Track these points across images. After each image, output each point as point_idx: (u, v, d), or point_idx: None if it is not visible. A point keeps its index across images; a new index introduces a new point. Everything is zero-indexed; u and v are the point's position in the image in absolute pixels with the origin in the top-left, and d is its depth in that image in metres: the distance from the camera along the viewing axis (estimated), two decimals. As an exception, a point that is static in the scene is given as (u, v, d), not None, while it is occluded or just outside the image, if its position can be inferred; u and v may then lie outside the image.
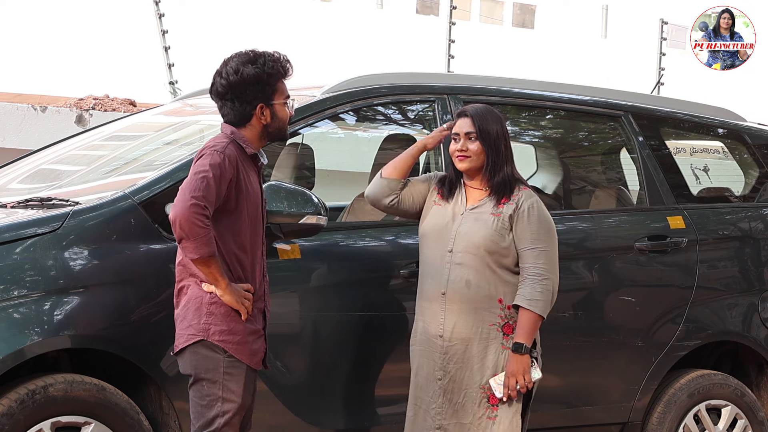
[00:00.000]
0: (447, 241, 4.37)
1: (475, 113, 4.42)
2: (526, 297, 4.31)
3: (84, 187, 4.89)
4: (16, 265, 4.18)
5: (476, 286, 4.33)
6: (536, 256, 4.34)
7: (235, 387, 4.02)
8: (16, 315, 4.13)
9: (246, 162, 4.10)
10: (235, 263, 4.06)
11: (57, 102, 9.15)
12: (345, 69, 6.45)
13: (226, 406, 4.02)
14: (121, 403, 4.26)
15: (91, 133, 5.91)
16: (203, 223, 3.91)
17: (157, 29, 10.22)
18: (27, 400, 4.11)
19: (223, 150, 4.02)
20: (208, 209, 3.93)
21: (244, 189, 4.05)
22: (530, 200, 4.39)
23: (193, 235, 3.91)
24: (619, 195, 5.70)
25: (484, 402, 4.32)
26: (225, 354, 4.01)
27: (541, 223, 4.38)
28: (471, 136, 4.39)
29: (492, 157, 4.39)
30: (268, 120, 4.14)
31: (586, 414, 5.22)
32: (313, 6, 14.83)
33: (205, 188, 3.94)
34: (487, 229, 4.34)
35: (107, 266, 4.29)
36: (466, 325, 4.32)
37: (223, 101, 4.13)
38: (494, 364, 4.32)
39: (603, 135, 5.91)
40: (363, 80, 5.07)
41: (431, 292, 4.38)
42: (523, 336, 4.30)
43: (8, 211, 4.56)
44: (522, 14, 20.17)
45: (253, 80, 4.09)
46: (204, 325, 4.01)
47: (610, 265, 5.28)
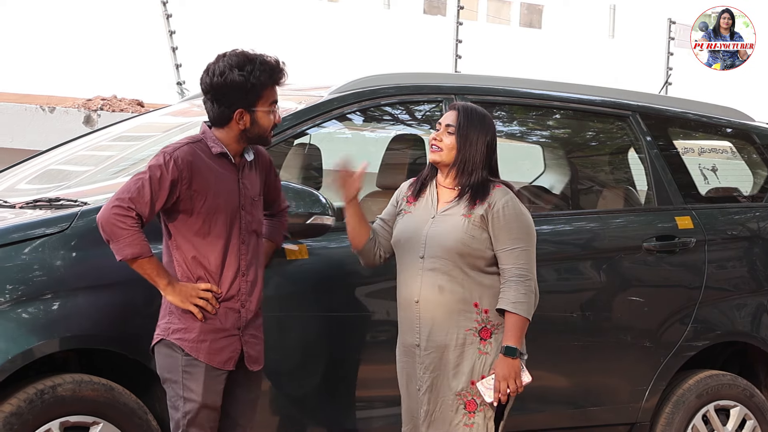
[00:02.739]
0: (418, 247, 4.21)
1: (463, 109, 4.27)
2: (511, 300, 4.15)
3: (92, 187, 4.89)
4: (25, 266, 4.18)
5: (450, 291, 4.16)
6: (516, 257, 4.17)
7: (194, 386, 4.00)
8: (25, 315, 4.14)
9: (213, 161, 4.04)
10: (194, 263, 4.03)
11: (65, 102, 9.16)
12: (352, 69, 6.45)
13: (188, 405, 4.01)
14: (129, 403, 4.27)
15: (99, 133, 5.92)
16: (125, 225, 3.91)
17: (164, 30, 10.23)
18: (36, 400, 4.11)
19: (172, 152, 3.99)
20: (134, 210, 3.92)
21: (202, 189, 4.00)
22: (504, 198, 4.20)
23: (114, 236, 3.94)
24: (627, 195, 5.70)
25: (461, 409, 4.17)
26: (182, 353, 4.01)
27: (519, 221, 4.20)
28: (449, 129, 4.24)
29: (463, 155, 4.21)
30: (246, 125, 4.08)
31: (594, 414, 5.21)
32: (320, 6, 14.83)
33: (137, 190, 3.94)
34: (458, 231, 4.16)
35: (115, 266, 4.29)
36: (441, 332, 4.17)
37: (205, 98, 4.12)
38: (470, 370, 4.17)
39: (611, 135, 5.90)
40: (370, 80, 5.06)
41: (405, 300, 4.24)
42: (512, 339, 4.15)
43: (17, 212, 4.57)
44: (529, 14, 20.15)
45: (234, 86, 4.02)
46: (165, 324, 4.04)
47: (618, 266, 5.28)
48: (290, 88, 5.62)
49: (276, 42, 11.83)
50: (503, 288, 4.18)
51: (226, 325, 4.06)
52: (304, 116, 4.84)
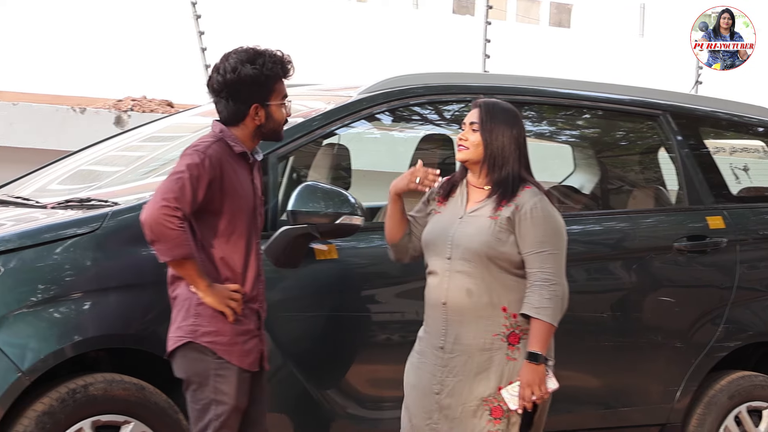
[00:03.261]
0: (444, 248, 4.12)
1: (486, 105, 4.19)
2: (534, 305, 4.04)
3: (122, 187, 4.92)
4: (56, 265, 4.21)
5: (477, 294, 4.05)
6: (543, 261, 4.06)
7: (227, 389, 3.97)
8: (57, 315, 4.17)
9: (235, 161, 4.04)
10: (222, 264, 4.02)
11: (96, 103, 9.21)
12: (381, 69, 6.45)
13: (220, 408, 3.97)
14: (160, 403, 4.28)
15: (130, 134, 5.95)
16: (174, 225, 3.88)
17: (194, 30, 10.27)
18: (68, 399, 4.14)
19: (205, 150, 3.97)
20: (180, 210, 3.89)
21: (229, 189, 3.99)
22: (533, 200, 4.08)
23: (162, 237, 3.89)
24: (657, 195, 5.67)
25: (485, 415, 4.06)
26: (214, 356, 3.97)
27: (547, 224, 4.08)
28: (473, 127, 4.15)
29: (491, 150, 4.12)
30: (262, 120, 4.06)
31: (624, 415, 5.19)
32: (349, 6, 14.85)
33: (179, 189, 3.90)
34: (484, 234, 4.06)
35: (145, 266, 4.32)
36: (468, 336, 4.07)
37: (218, 98, 4.07)
38: (498, 376, 4.06)
39: (641, 134, 5.88)
40: (399, 80, 5.06)
41: (433, 302, 4.15)
42: (537, 345, 4.04)
43: (48, 212, 4.60)
44: (558, 13, 20.09)
45: (249, 80, 4.01)
46: (191, 326, 3.97)
47: (648, 266, 5.25)
48: (319, 88, 5.65)
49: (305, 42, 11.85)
50: (528, 292, 4.07)
51: (251, 326, 4.06)
52: (333, 116, 4.84)
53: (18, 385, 4.08)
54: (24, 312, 4.13)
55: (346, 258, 4.64)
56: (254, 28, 12.13)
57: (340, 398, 4.64)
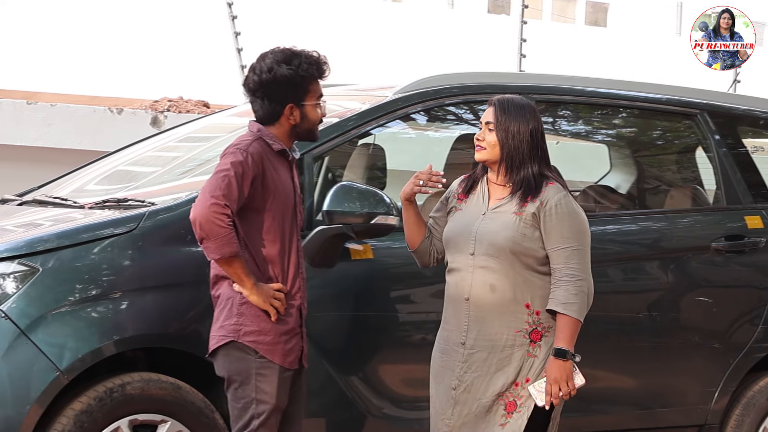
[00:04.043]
0: (468, 244, 4.11)
1: (500, 103, 4.17)
2: (561, 301, 4.03)
3: (159, 188, 4.94)
4: (94, 265, 4.24)
5: (501, 290, 4.05)
6: (568, 256, 4.05)
7: (268, 388, 3.98)
8: (94, 314, 4.20)
9: (274, 159, 4.05)
10: (265, 262, 4.03)
11: (133, 104, 9.26)
12: (416, 69, 6.44)
13: (261, 407, 3.98)
14: (196, 402, 4.30)
15: (166, 134, 5.98)
16: (224, 223, 3.89)
17: (230, 31, 10.31)
18: (105, 398, 4.17)
19: (246, 148, 3.98)
20: (229, 208, 3.91)
21: (271, 186, 4.01)
22: (557, 196, 4.08)
23: (213, 234, 3.89)
24: (694, 194, 5.63)
25: (500, 410, 4.07)
26: (256, 355, 3.98)
27: (572, 220, 4.07)
28: (489, 126, 4.14)
29: (508, 149, 4.11)
30: (297, 120, 4.08)
31: (661, 416, 5.16)
32: (384, 6, 14.85)
33: (226, 187, 3.91)
34: (509, 229, 4.05)
35: (182, 266, 4.34)
36: (490, 332, 4.07)
37: (254, 97, 4.09)
38: (516, 372, 4.06)
39: (678, 134, 5.84)
40: (434, 80, 5.06)
41: (455, 298, 4.14)
42: (564, 341, 4.03)
43: (86, 212, 4.63)
44: (594, 12, 20.01)
45: (285, 81, 4.03)
46: (235, 326, 3.98)
47: (685, 266, 5.22)
48: (355, 88, 5.65)
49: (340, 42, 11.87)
50: (553, 288, 4.06)
51: (293, 324, 4.07)
52: (369, 116, 4.85)
53: (56, 384, 4.11)
54: (62, 311, 4.17)
55: (382, 258, 4.64)
56: (290, 28, 12.16)
57: (376, 398, 4.65)
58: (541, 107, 5.17)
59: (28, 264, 4.17)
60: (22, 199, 5.22)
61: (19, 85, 9.59)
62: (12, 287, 4.14)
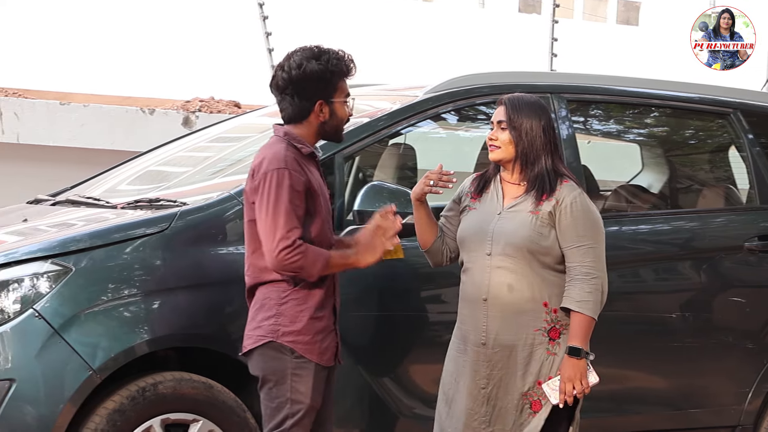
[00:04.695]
0: (484, 243, 4.12)
1: (510, 102, 4.19)
2: (575, 299, 4.05)
3: (191, 188, 4.97)
4: (126, 265, 4.26)
5: (519, 289, 4.07)
6: (583, 254, 4.07)
7: (303, 388, 3.98)
8: (127, 314, 4.22)
9: (306, 161, 4.04)
10: None
11: (164, 104, 9.30)
12: (447, 69, 6.43)
13: (296, 407, 3.98)
14: (228, 401, 4.32)
15: (198, 134, 6.01)
16: (298, 256, 3.89)
17: (261, 31, 10.33)
18: (138, 397, 4.19)
19: (285, 164, 3.94)
20: (294, 236, 3.88)
21: (314, 188, 4.01)
22: (572, 194, 4.10)
23: (297, 270, 3.92)
24: (727, 194, 5.60)
25: (526, 408, 4.09)
26: (293, 355, 3.97)
27: (586, 218, 4.10)
28: (502, 125, 4.16)
29: (522, 148, 4.13)
30: (326, 117, 4.06)
31: (694, 416, 5.13)
32: (415, 6, 14.84)
33: (285, 223, 3.89)
34: (526, 228, 4.07)
35: (214, 266, 4.36)
36: (509, 332, 4.09)
37: (283, 95, 4.07)
38: (538, 371, 4.08)
39: (711, 133, 5.81)
40: (465, 80, 5.05)
41: (472, 298, 4.15)
42: (578, 339, 4.05)
43: (118, 212, 4.66)
44: (626, 11, 19.91)
45: (315, 76, 4.01)
46: (273, 326, 3.97)
47: (718, 266, 5.19)
48: (385, 88, 5.65)
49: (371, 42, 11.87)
50: (568, 286, 4.08)
51: (328, 322, 4.08)
52: (399, 116, 4.85)
53: (89, 383, 4.14)
54: (95, 311, 4.19)
55: (412, 257, 4.64)
56: (321, 29, 12.18)
57: (407, 398, 4.65)
58: (573, 107, 5.17)
59: (61, 264, 4.20)
60: (55, 199, 5.26)
61: (52, 86, 9.65)
62: (45, 287, 4.17)
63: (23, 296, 4.15)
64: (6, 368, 4.10)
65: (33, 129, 8.50)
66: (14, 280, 4.16)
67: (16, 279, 4.17)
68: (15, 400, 4.07)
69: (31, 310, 4.14)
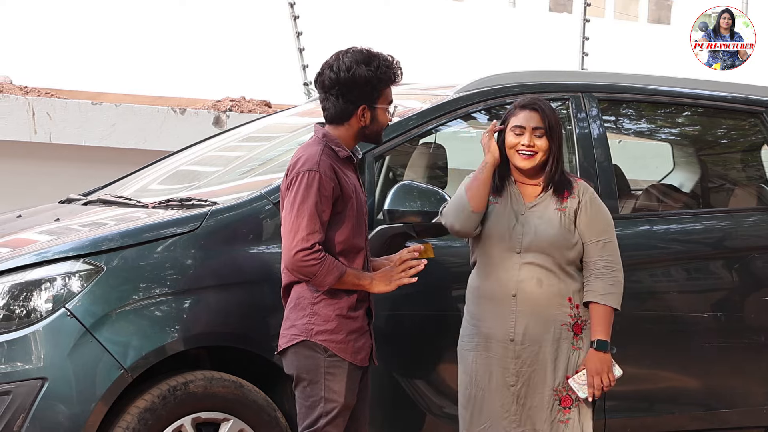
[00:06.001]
0: (514, 241, 4.17)
1: (544, 108, 4.21)
2: (600, 292, 4.14)
3: (221, 187, 4.98)
4: (157, 264, 4.28)
5: (548, 284, 4.14)
6: (602, 249, 4.17)
7: (337, 387, 3.99)
8: (158, 313, 4.24)
9: (342, 164, 4.03)
10: (343, 262, 4.02)
11: (195, 104, 9.33)
12: (478, 68, 6.42)
13: (329, 406, 3.99)
14: (258, 400, 4.33)
15: (228, 134, 6.02)
16: (315, 261, 3.90)
17: (292, 31, 10.35)
18: (168, 396, 4.21)
19: (318, 167, 3.94)
20: (316, 243, 3.90)
21: (347, 193, 4.00)
22: (589, 192, 4.24)
23: (311, 275, 3.92)
24: (760, 193, 5.56)
25: (556, 405, 4.14)
26: (326, 354, 3.98)
27: (603, 214, 4.24)
28: (537, 132, 4.18)
29: (555, 154, 4.20)
30: (367, 122, 4.06)
31: (726, 417, 5.10)
32: (446, 5, 14.82)
33: (307, 225, 3.90)
34: (556, 226, 4.16)
35: (244, 265, 4.37)
36: (538, 326, 4.14)
37: (327, 95, 4.06)
38: (566, 366, 4.15)
39: (743, 132, 5.77)
40: (495, 79, 5.04)
41: (498, 294, 4.17)
42: (602, 332, 4.13)
43: (149, 212, 4.68)
44: (658, 10, 19.81)
45: (363, 81, 4.01)
46: (307, 325, 3.99)
47: (750, 265, 5.16)
48: (416, 88, 5.65)
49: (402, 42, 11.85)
50: (589, 280, 4.17)
51: (364, 323, 4.09)
52: (430, 115, 4.85)
53: (120, 382, 4.15)
54: (126, 310, 4.21)
55: (443, 257, 4.63)
56: (352, 28, 12.19)
57: (437, 397, 4.64)
58: (604, 106, 5.14)
59: (92, 263, 4.22)
60: (87, 199, 5.29)
61: (84, 86, 9.70)
62: (77, 286, 4.19)
63: (55, 295, 4.17)
64: (38, 367, 4.12)
65: (65, 129, 8.54)
66: (46, 280, 4.19)
67: (49, 278, 4.19)
68: (47, 399, 4.10)
69: (63, 309, 4.16)
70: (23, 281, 4.20)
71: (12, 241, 4.58)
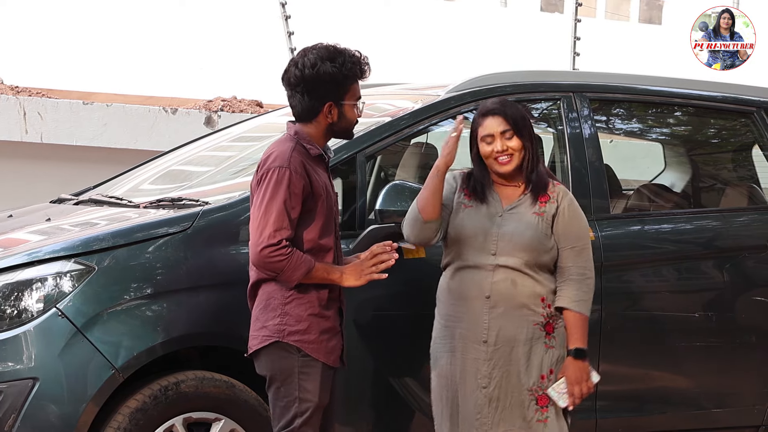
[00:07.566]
0: (488, 244, 4.15)
1: (504, 109, 4.18)
2: (573, 299, 4.13)
3: (213, 187, 4.98)
4: (148, 264, 4.27)
5: (522, 284, 4.12)
6: (577, 255, 4.16)
7: (311, 386, 3.98)
8: (149, 313, 4.23)
9: (313, 162, 4.02)
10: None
11: (187, 104, 9.32)
12: (469, 68, 6.42)
13: (304, 405, 3.98)
14: (249, 400, 4.33)
15: (220, 134, 6.02)
16: (282, 257, 3.88)
17: (283, 31, 10.35)
18: (160, 396, 4.20)
19: (288, 164, 3.93)
20: (284, 239, 3.89)
21: (317, 191, 3.99)
22: (568, 196, 4.21)
23: (277, 271, 3.91)
24: (750, 193, 5.57)
25: (533, 405, 4.13)
26: (300, 354, 3.97)
27: (579, 219, 4.21)
28: (507, 134, 4.16)
29: (530, 151, 4.17)
30: (334, 119, 4.04)
31: (717, 416, 5.11)
32: (437, 5, 14.82)
33: (275, 221, 3.89)
34: (533, 230, 4.14)
35: (235, 265, 4.36)
36: (511, 327, 4.13)
37: (293, 92, 4.05)
38: (539, 365, 4.14)
39: (734, 132, 5.78)
40: (487, 79, 5.04)
41: (471, 295, 4.16)
42: (579, 340, 4.13)
43: (140, 211, 4.67)
44: (649, 10, 19.83)
45: (327, 78, 3.99)
46: (278, 326, 3.97)
47: (741, 265, 5.17)
48: (407, 87, 5.65)
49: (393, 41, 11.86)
50: (563, 286, 4.16)
51: (336, 323, 4.08)
52: (421, 115, 4.84)
53: (112, 382, 4.15)
54: (117, 310, 4.21)
55: (434, 257, 4.63)
56: (343, 28, 12.18)
57: (427, 395, 4.64)
58: (595, 106, 5.15)
59: (84, 263, 4.22)
60: (78, 199, 5.28)
61: (75, 85, 9.68)
62: (68, 286, 4.19)
63: (46, 295, 4.17)
64: (29, 367, 4.11)
65: (56, 129, 8.53)
66: (37, 279, 4.18)
67: (40, 278, 4.18)
68: (38, 398, 4.09)
69: (54, 309, 4.16)
70: (14, 281, 4.19)
71: (3, 241, 4.57)
